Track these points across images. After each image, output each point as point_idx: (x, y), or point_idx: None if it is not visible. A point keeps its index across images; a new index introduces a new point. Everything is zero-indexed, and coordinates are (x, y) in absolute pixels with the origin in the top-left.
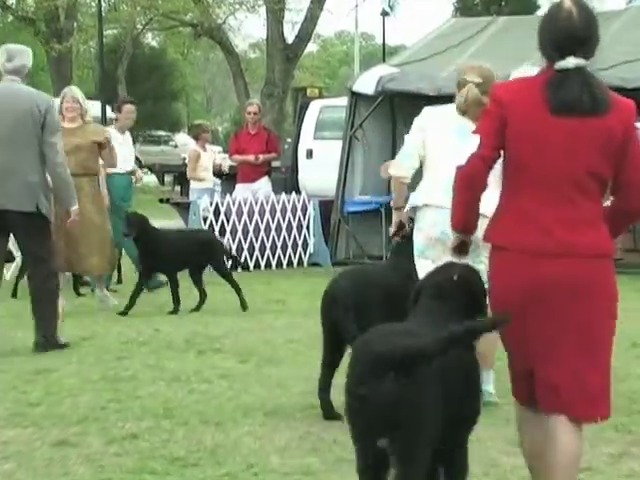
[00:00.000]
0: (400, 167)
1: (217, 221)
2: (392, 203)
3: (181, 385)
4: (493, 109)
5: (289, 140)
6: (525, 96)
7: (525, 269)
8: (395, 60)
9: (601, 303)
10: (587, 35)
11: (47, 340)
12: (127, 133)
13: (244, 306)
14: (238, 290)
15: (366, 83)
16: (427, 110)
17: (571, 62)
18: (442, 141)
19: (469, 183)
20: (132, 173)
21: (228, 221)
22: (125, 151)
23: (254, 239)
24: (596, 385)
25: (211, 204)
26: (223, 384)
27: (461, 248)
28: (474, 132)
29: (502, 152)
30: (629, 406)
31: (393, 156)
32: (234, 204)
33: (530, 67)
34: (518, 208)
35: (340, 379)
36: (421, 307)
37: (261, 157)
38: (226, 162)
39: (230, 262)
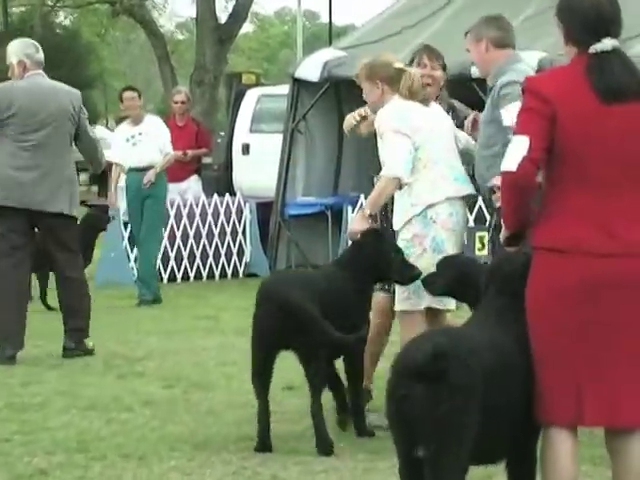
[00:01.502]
0: (404, 171)
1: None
2: (368, 206)
3: (98, 414)
4: (538, 106)
5: (222, 134)
6: (570, 88)
7: (584, 270)
8: (343, 42)
9: None
10: (616, 12)
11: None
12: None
13: None
14: None
15: (310, 69)
16: (398, 112)
17: (608, 43)
18: (432, 137)
19: (521, 189)
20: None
21: (178, 225)
22: (145, 146)
23: (182, 246)
24: None
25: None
26: (146, 413)
27: (513, 241)
28: (517, 132)
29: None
30: None
31: (340, 151)
32: (185, 206)
33: (530, 52)
34: (573, 207)
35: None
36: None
37: (190, 153)
38: None
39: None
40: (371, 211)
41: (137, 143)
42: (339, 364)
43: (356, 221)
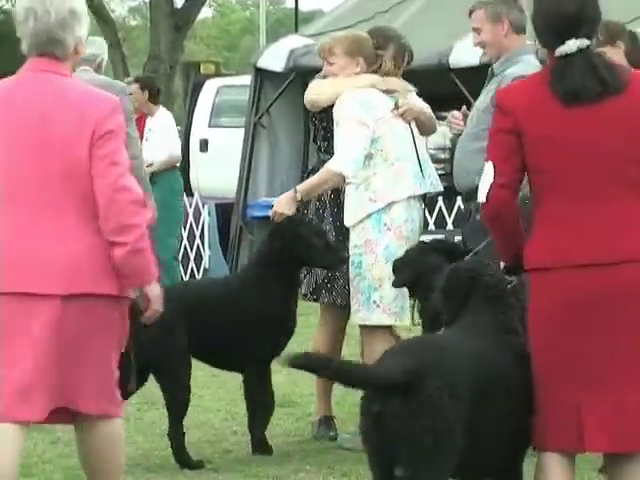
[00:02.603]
0: (352, 170)
1: None
2: (302, 191)
3: (43, 435)
4: (501, 123)
5: (178, 128)
6: (532, 95)
7: (570, 284)
8: (310, 29)
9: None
10: (582, 10)
11: None
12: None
13: None
14: None
15: (274, 58)
16: (362, 100)
17: (573, 45)
18: (394, 128)
19: (498, 219)
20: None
21: None
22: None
23: None
24: None
25: None
26: None
27: (512, 271)
28: (487, 158)
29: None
30: None
31: (305, 148)
32: None
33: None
34: (552, 218)
35: None
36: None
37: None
38: None
39: None
40: (302, 196)
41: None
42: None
43: (282, 202)
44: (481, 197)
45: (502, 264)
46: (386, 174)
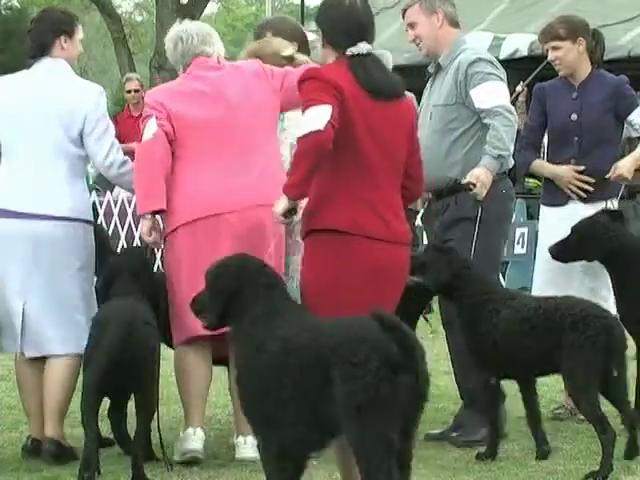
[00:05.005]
0: None
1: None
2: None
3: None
4: (331, 89)
5: None
6: (344, 79)
7: (366, 252)
8: (313, 25)
9: (402, 285)
10: (371, 21)
11: None
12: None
13: None
14: None
15: None
16: None
17: (364, 48)
18: None
19: (323, 151)
20: None
21: (108, 225)
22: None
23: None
24: None
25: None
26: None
27: (290, 213)
28: (315, 102)
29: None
30: None
31: None
32: (115, 204)
33: (482, 33)
34: (354, 194)
35: None
36: None
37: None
38: None
39: None
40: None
41: None
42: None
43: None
44: (316, 126)
45: (282, 205)
46: None
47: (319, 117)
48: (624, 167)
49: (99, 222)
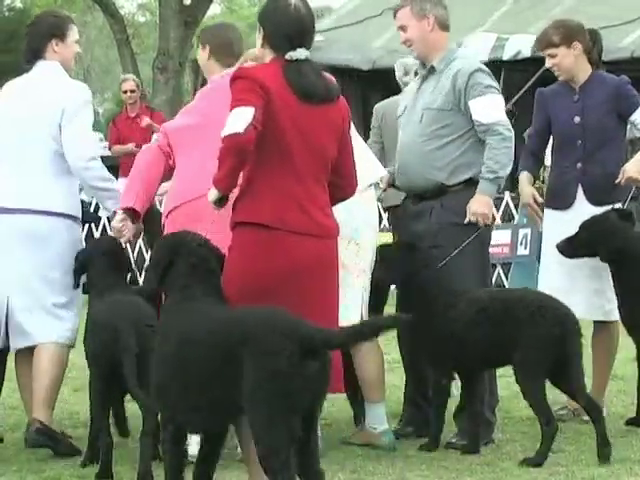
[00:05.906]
0: None
1: (97, 228)
2: None
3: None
4: (257, 89)
5: None
6: (275, 84)
7: (288, 246)
8: (318, 25)
9: (335, 276)
10: (312, 28)
11: None
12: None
13: None
14: None
15: None
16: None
17: (303, 53)
18: None
19: (244, 152)
20: None
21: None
22: None
23: (145, 251)
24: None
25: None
26: None
27: (220, 202)
28: (239, 104)
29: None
30: None
31: None
32: None
33: (485, 34)
34: (279, 189)
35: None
36: None
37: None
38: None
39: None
40: None
41: None
42: None
43: None
44: (235, 128)
45: (214, 195)
46: None
47: (241, 119)
48: (632, 169)
49: (100, 221)
